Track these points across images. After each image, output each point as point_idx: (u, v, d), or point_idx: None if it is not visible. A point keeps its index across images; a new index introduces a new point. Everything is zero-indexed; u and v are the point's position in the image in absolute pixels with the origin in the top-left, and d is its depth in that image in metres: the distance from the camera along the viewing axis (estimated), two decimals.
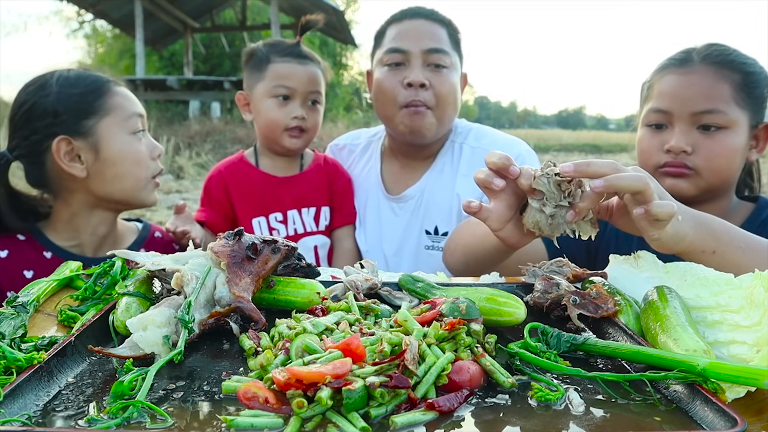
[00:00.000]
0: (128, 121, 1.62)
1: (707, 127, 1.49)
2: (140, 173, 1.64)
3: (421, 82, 1.82)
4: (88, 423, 0.63)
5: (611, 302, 0.94)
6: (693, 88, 1.50)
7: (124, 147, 1.61)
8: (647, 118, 1.58)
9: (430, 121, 1.87)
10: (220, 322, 0.90)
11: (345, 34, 17.55)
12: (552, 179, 1.00)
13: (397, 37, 1.89)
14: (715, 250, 1.05)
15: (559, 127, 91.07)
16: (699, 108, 1.48)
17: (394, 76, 1.87)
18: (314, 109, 1.98)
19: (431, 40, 1.86)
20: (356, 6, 25.27)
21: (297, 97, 1.93)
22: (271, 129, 1.95)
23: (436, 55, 1.85)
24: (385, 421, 0.64)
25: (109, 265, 1.05)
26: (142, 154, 1.64)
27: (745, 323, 0.83)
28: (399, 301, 1.03)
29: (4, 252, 1.61)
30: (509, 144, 2.02)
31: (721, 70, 1.50)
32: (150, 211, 7.68)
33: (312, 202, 2.01)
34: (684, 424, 0.65)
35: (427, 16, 1.91)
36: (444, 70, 1.87)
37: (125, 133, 1.61)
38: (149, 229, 1.83)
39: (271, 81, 1.93)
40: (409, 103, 1.85)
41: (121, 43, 20.25)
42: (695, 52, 1.55)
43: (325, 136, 12.05)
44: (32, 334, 0.91)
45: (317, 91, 1.96)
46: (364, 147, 2.17)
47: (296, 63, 1.93)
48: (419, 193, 1.99)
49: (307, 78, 1.93)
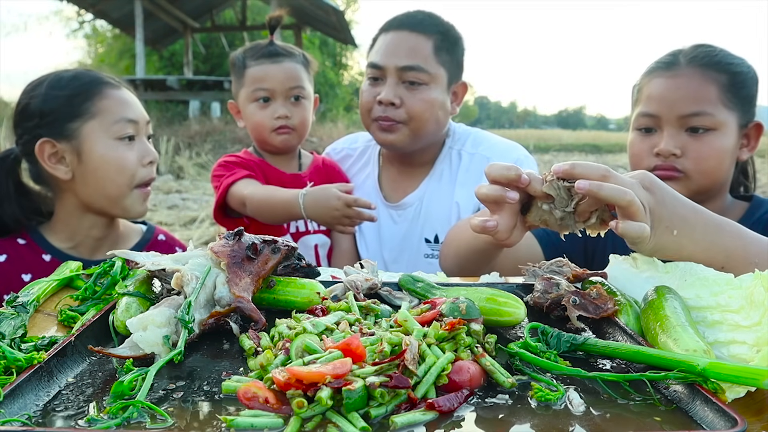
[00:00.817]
0: (114, 125, 1.58)
1: (695, 130, 1.50)
2: (122, 180, 1.59)
3: (390, 101, 1.83)
4: (88, 423, 0.63)
5: (611, 302, 0.94)
6: (680, 91, 1.51)
7: (106, 152, 1.57)
8: (637, 122, 1.59)
9: (400, 137, 1.88)
10: (220, 322, 0.90)
11: (345, 34, 17.55)
12: (561, 183, 1.00)
13: (378, 51, 1.90)
14: (724, 266, 1.01)
15: (559, 127, 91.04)
16: (686, 111, 1.49)
17: (371, 90, 1.89)
18: (298, 104, 1.96)
19: (408, 56, 1.84)
20: (356, 6, 25.30)
21: (277, 97, 1.93)
22: (258, 132, 1.96)
23: (411, 72, 1.84)
24: (385, 421, 0.64)
25: (109, 265, 1.05)
26: (126, 161, 1.59)
27: (745, 323, 0.83)
28: (399, 301, 1.03)
29: (3, 256, 1.61)
30: (507, 149, 2.01)
31: (707, 72, 1.51)
32: (150, 211, 7.68)
33: None
34: (684, 424, 0.65)
35: (413, 27, 1.87)
36: (421, 87, 1.84)
37: (110, 138, 1.58)
38: (153, 231, 1.82)
39: (249, 86, 1.93)
40: (378, 118, 1.87)
41: (121, 43, 20.26)
42: (682, 54, 1.56)
43: (325, 136, 12.06)
44: (32, 334, 0.91)
45: (298, 86, 1.95)
46: (362, 152, 2.17)
47: (270, 63, 1.92)
48: (418, 200, 1.99)
49: (284, 76, 1.92)
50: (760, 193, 6.76)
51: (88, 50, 22.88)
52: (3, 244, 1.62)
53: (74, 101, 1.57)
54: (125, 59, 19.79)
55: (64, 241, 1.66)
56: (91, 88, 1.59)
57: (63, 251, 1.64)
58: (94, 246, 1.68)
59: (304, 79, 1.98)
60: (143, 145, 1.65)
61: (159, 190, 9.38)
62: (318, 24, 16.85)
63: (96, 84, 1.61)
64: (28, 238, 1.64)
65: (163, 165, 11.47)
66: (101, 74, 1.67)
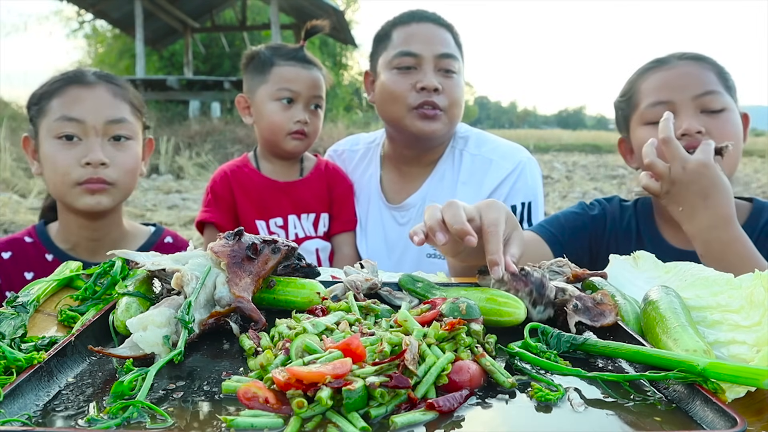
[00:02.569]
0: (54, 123, 1.55)
1: (710, 111, 1.50)
2: (57, 179, 1.56)
3: (436, 86, 1.82)
4: (88, 423, 0.63)
5: (613, 313, 0.91)
6: (685, 77, 1.53)
7: (46, 150, 1.57)
8: (650, 114, 1.54)
9: (441, 126, 1.87)
10: (220, 322, 0.90)
11: (345, 34, 17.56)
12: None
13: (407, 41, 1.87)
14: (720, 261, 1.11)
15: (559, 127, 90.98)
16: (699, 90, 1.50)
17: (404, 79, 1.85)
18: (316, 113, 1.97)
19: (442, 44, 1.86)
20: (356, 6, 25.28)
21: (300, 101, 1.92)
22: (273, 132, 1.94)
23: (448, 60, 1.85)
24: (385, 421, 0.64)
25: (109, 265, 1.05)
26: (56, 159, 1.55)
27: (745, 323, 0.83)
28: (399, 301, 1.03)
29: (8, 253, 1.62)
30: (510, 151, 1.99)
31: (700, 62, 1.55)
32: (150, 211, 7.68)
33: (311, 209, 2.00)
34: (684, 424, 0.65)
35: (434, 20, 1.90)
36: (454, 76, 1.87)
37: (50, 136, 1.56)
38: (160, 234, 1.80)
39: (275, 84, 1.92)
40: (421, 105, 1.83)
41: (121, 43, 20.25)
42: (670, 56, 1.60)
43: (325, 136, 12.05)
44: (32, 334, 0.91)
45: (320, 96, 1.96)
46: (363, 153, 2.16)
47: (300, 67, 1.93)
48: (420, 201, 1.98)
49: (311, 82, 1.93)
50: (760, 193, 6.80)
51: (88, 50, 22.88)
52: (10, 242, 1.65)
53: (42, 98, 1.58)
54: (125, 59, 19.79)
55: (63, 242, 1.67)
56: (56, 87, 1.58)
57: (64, 251, 1.64)
58: (92, 248, 1.67)
59: (324, 91, 1.98)
60: (88, 145, 1.55)
61: (159, 190, 9.39)
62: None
63: (62, 82, 1.59)
64: (35, 236, 1.66)
65: (163, 165, 11.48)
66: (80, 72, 1.63)
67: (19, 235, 1.68)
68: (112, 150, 1.57)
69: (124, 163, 1.59)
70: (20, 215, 6.88)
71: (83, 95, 1.57)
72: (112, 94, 1.60)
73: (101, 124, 1.56)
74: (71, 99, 1.56)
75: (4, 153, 9.42)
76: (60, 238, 1.66)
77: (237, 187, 1.99)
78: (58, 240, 1.66)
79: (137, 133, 1.65)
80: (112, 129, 1.57)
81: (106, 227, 1.68)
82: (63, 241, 1.66)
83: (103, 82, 1.61)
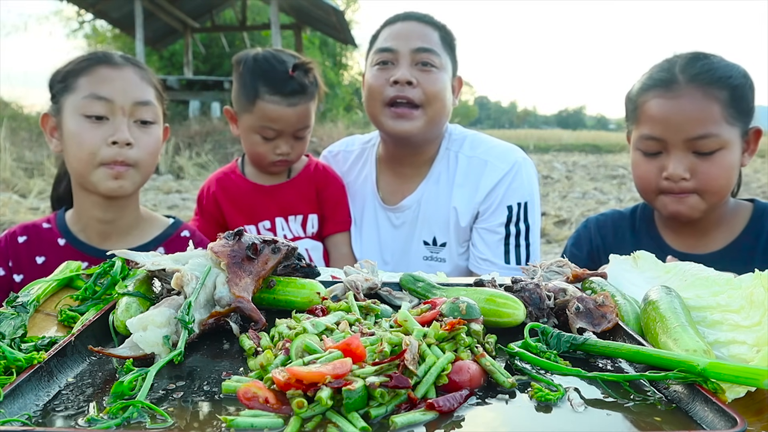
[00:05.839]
0: (82, 101, 1.55)
1: (701, 153, 1.48)
2: (82, 156, 1.56)
3: (408, 79, 1.81)
4: (88, 423, 0.63)
5: (614, 315, 0.92)
6: (684, 114, 1.48)
7: (72, 127, 1.56)
8: (641, 144, 1.56)
9: (416, 124, 1.85)
10: (220, 322, 0.90)
11: (345, 34, 17.54)
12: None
13: (387, 38, 1.89)
14: None
15: (559, 127, 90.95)
16: (693, 134, 1.47)
17: (381, 74, 1.86)
18: (301, 140, 1.94)
19: (420, 39, 1.86)
20: (356, 6, 25.30)
21: (284, 136, 1.90)
22: (254, 159, 1.97)
23: (425, 54, 1.84)
24: (385, 421, 0.64)
25: (109, 265, 1.05)
26: (83, 137, 1.55)
27: (745, 323, 0.83)
28: (399, 301, 1.03)
29: (23, 237, 1.65)
30: (505, 152, 1.98)
31: (708, 91, 1.48)
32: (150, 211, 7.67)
33: (298, 210, 2.00)
34: (684, 424, 0.65)
35: (419, 18, 1.91)
36: (433, 70, 1.85)
37: (77, 114, 1.56)
38: (178, 227, 1.78)
39: (258, 120, 1.87)
40: (394, 99, 1.83)
41: (121, 43, 20.23)
42: (678, 69, 1.53)
43: (325, 136, 12.05)
44: (32, 334, 0.91)
45: (306, 126, 1.92)
46: (358, 154, 2.15)
47: (286, 105, 1.85)
48: (416, 203, 1.98)
49: (296, 119, 1.88)
50: (760, 193, 6.79)
51: (88, 50, 22.84)
52: (28, 227, 1.66)
53: (69, 76, 1.59)
54: None
55: (75, 223, 1.67)
56: (84, 66, 1.59)
57: (75, 235, 1.65)
58: (102, 231, 1.66)
59: (312, 117, 1.94)
60: (115, 125, 1.56)
61: (159, 190, 9.38)
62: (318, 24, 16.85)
63: (91, 61, 1.60)
64: (53, 221, 1.68)
65: (163, 165, 11.47)
66: (107, 53, 1.65)
67: (39, 221, 1.70)
68: (137, 131, 1.60)
69: (147, 144, 1.62)
70: (20, 215, 6.88)
71: (112, 75, 1.59)
72: (140, 77, 1.63)
73: (129, 105, 1.58)
74: (100, 78, 1.58)
75: (4, 153, 9.42)
76: (73, 219, 1.68)
77: (223, 196, 2.00)
78: (72, 222, 1.67)
79: (160, 117, 1.68)
80: (138, 110, 1.60)
81: (121, 210, 1.67)
82: (76, 222, 1.67)
83: (130, 64, 1.64)
